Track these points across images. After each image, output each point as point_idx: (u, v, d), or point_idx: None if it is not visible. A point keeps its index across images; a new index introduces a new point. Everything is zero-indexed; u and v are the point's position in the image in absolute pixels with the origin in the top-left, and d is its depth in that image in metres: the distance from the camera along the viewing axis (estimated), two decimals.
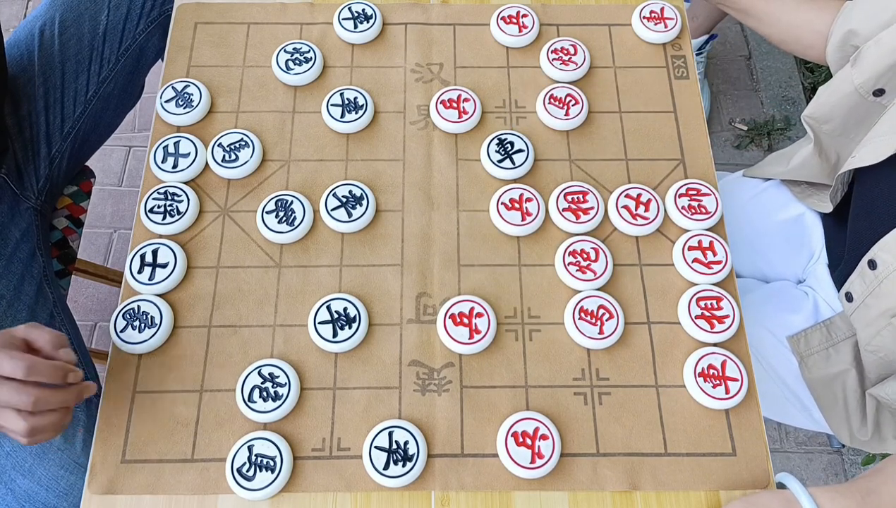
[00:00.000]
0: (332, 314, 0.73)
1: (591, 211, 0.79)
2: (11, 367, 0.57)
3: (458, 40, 0.91)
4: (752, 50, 1.84)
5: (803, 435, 1.44)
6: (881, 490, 0.62)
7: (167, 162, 0.81)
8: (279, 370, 0.71)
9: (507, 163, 0.82)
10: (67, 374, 0.60)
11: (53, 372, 0.59)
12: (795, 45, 0.89)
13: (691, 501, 0.68)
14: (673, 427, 0.71)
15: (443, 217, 0.80)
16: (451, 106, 0.85)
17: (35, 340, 0.61)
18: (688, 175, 0.84)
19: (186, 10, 0.92)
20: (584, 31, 0.92)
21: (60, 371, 0.59)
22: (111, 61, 1.00)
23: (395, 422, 0.69)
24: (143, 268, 0.75)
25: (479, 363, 0.73)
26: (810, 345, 0.87)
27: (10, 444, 0.80)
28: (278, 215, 0.78)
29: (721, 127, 1.75)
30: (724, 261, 0.77)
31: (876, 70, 0.77)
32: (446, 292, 0.76)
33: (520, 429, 0.69)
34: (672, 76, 0.90)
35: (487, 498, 0.68)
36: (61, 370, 0.59)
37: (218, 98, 0.87)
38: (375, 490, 0.68)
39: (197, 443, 0.69)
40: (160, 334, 0.72)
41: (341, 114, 0.84)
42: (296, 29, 0.91)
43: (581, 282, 0.75)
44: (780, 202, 0.99)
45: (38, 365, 0.58)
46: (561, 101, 0.85)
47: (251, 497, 0.66)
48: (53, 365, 0.59)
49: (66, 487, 0.80)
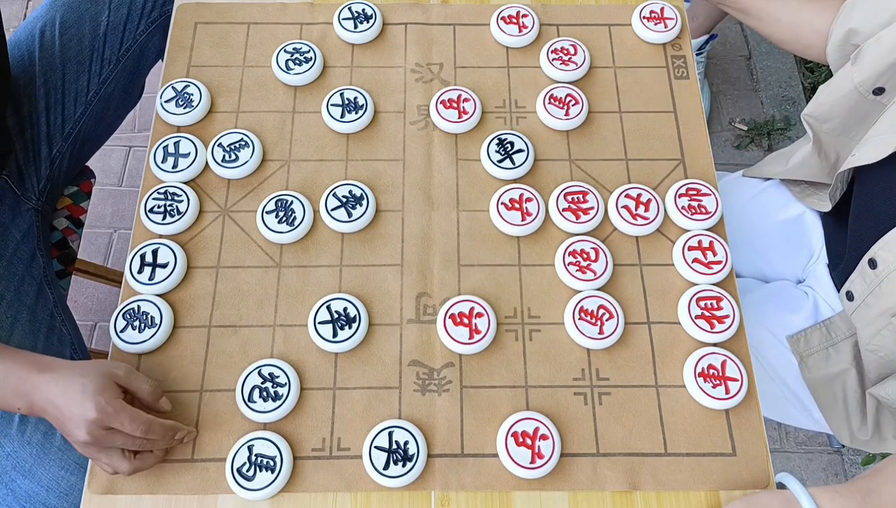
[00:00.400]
0: (332, 314, 0.73)
1: (591, 211, 0.79)
2: (132, 428, 0.62)
3: (458, 40, 0.91)
4: (752, 50, 1.84)
5: (803, 435, 1.44)
6: (881, 491, 0.62)
7: (167, 162, 0.81)
8: (279, 370, 0.71)
9: (507, 163, 0.82)
10: (177, 433, 0.66)
11: (167, 433, 0.65)
12: (796, 45, 0.89)
13: (691, 501, 0.68)
14: (673, 428, 0.71)
15: (443, 217, 0.80)
16: (451, 106, 0.85)
17: (136, 391, 0.67)
18: (688, 175, 0.84)
19: (186, 10, 0.92)
20: (584, 31, 0.92)
21: (172, 431, 0.66)
22: (112, 62, 1.00)
23: (395, 422, 0.69)
24: (143, 268, 0.75)
25: (479, 363, 0.73)
26: (810, 345, 0.87)
27: (10, 445, 0.80)
28: (278, 215, 0.78)
29: (721, 127, 1.75)
30: (724, 261, 0.77)
31: (876, 68, 0.77)
32: (446, 292, 0.76)
33: (520, 429, 0.69)
34: (672, 76, 0.90)
35: (487, 498, 0.68)
36: (173, 430, 0.66)
37: (218, 98, 0.87)
38: (375, 490, 0.68)
39: (197, 443, 0.69)
40: (160, 334, 0.72)
41: (341, 114, 0.84)
42: (296, 29, 0.91)
43: (581, 282, 0.75)
44: (780, 202, 0.99)
45: (155, 425, 0.64)
46: (561, 101, 0.85)
47: (251, 497, 0.66)
48: (168, 425, 0.65)
49: (67, 488, 0.80)
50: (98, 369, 0.64)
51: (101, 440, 0.62)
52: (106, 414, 0.61)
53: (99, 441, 0.62)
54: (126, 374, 0.66)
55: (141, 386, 0.67)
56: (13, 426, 0.80)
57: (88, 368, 0.64)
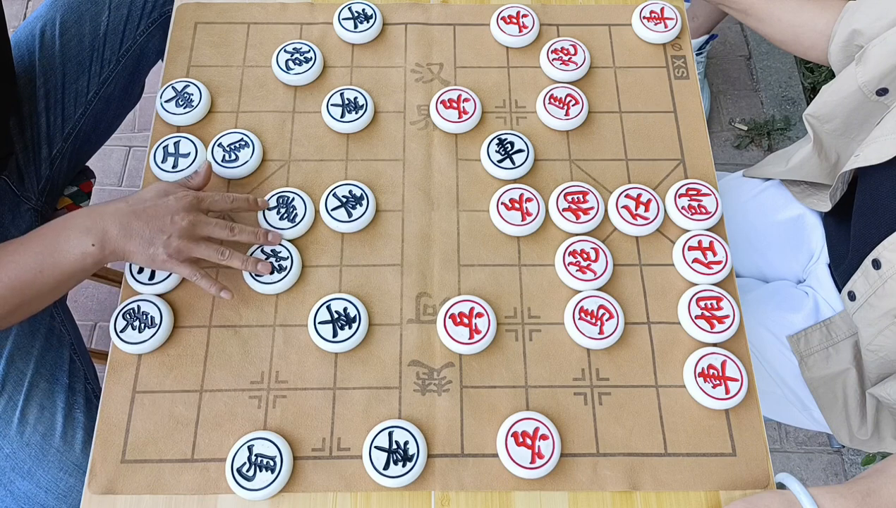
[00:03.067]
0: (332, 314, 0.73)
1: (591, 211, 0.79)
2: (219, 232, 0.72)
3: (459, 40, 0.91)
4: (752, 50, 1.84)
5: (803, 435, 1.44)
6: (882, 491, 0.62)
7: (167, 162, 0.81)
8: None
9: (507, 163, 0.82)
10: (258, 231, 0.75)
11: (251, 235, 0.74)
12: (796, 45, 0.89)
13: (691, 501, 0.68)
14: (673, 428, 0.71)
15: (443, 217, 0.80)
16: (451, 106, 0.85)
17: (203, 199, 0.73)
18: (688, 175, 0.84)
19: (186, 10, 0.92)
20: (584, 31, 0.92)
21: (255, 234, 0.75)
22: (112, 62, 1.00)
23: (395, 422, 0.69)
24: (143, 268, 0.75)
25: (479, 363, 0.73)
26: (810, 345, 0.87)
27: (9, 446, 0.80)
28: (280, 211, 0.78)
29: (721, 127, 1.75)
30: (724, 261, 0.77)
31: (880, 69, 0.77)
32: (446, 292, 0.76)
33: (520, 429, 0.69)
34: (672, 76, 0.90)
35: (487, 498, 0.68)
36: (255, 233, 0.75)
37: (218, 98, 0.87)
38: (375, 490, 0.68)
39: (197, 443, 0.69)
40: (160, 334, 0.72)
41: (341, 114, 0.84)
42: (296, 29, 0.91)
43: (581, 282, 0.75)
44: (780, 202, 0.99)
45: (236, 228, 0.73)
46: (561, 101, 0.85)
47: (251, 497, 0.66)
48: (250, 230, 0.74)
49: (66, 489, 0.80)
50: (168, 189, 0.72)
51: (189, 248, 0.69)
52: (200, 219, 0.70)
53: (186, 249, 0.69)
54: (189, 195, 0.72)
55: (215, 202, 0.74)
56: (12, 427, 0.80)
57: (158, 191, 0.71)
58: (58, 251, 0.67)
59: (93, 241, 0.67)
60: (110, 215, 0.68)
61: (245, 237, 0.74)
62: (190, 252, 0.70)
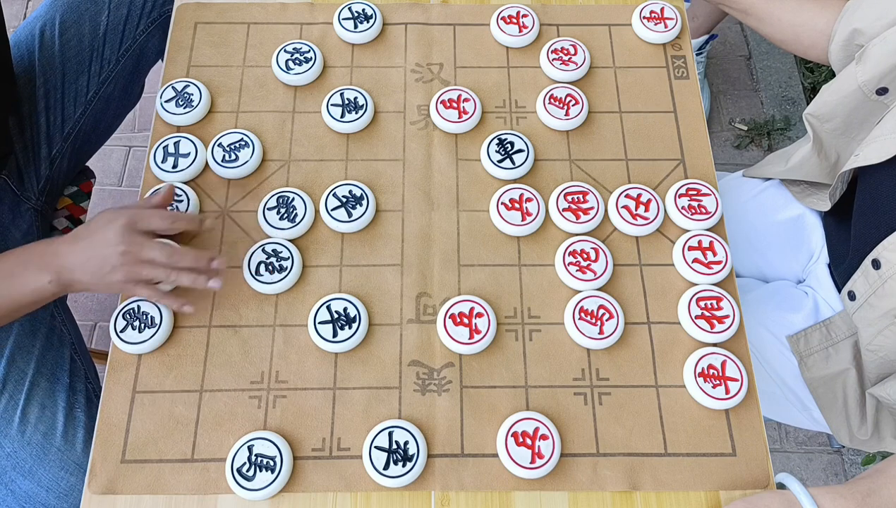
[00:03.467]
0: (332, 314, 0.73)
1: (591, 211, 0.79)
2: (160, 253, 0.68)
3: (459, 40, 0.91)
4: (752, 50, 1.84)
5: (803, 435, 1.44)
6: (882, 491, 0.62)
7: (167, 162, 0.81)
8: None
9: (507, 163, 0.82)
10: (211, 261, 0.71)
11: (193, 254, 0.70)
12: (796, 45, 0.89)
13: (691, 501, 0.68)
14: (673, 428, 0.71)
15: (443, 217, 0.80)
16: (451, 106, 0.85)
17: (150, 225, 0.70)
18: (688, 175, 0.84)
19: (186, 10, 0.92)
20: (584, 31, 0.92)
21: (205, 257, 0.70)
22: (111, 62, 1.00)
23: (395, 422, 0.69)
24: None
25: (479, 363, 0.73)
26: (810, 345, 0.87)
27: (10, 445, 0.80)
28: (279, 211, 0.78)
29: (721, 127, 1.75)
30: (724, 261, 0.77)
31: (881, 68, 0.77)
32: (446, 292, 0.76)
33: (520, 429, 0.69)
34: (672, 76, 0.90)
35: (487, 498, 0.68)
36: (205, 257, 0.70)
37: (218, 98, 0.87)
38: (375, 491, 0.68)
39: (197, 443, 0.69)
40: (160, 334, 0.72)
41: (341, 114, 0.84)
42: (296, 29, 0.91)
43: (581, 282, 0.75)
44: (780, 202, 0.99)
45: (177, 252, 0.69)
46: (561, 101, 0.85)
47: (251, 497, 0.66)
48: (195, 254, 0.70)
49: (67, 488, 0.80)
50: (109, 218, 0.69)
51: (134, 272, 0.67)
52: (135, 244, 0.67)
53: (133, 274, 0.67)
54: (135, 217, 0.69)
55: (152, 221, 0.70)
56: (13, 426, 0.80)
57: (101, 222, 0.69)
58: (13, 285, 0.68)
59: (49, 278, 0.68)
60: (64, 252, 0.68)
61: (187, 261, 0.69)
62: (137, 275, 0.68)
